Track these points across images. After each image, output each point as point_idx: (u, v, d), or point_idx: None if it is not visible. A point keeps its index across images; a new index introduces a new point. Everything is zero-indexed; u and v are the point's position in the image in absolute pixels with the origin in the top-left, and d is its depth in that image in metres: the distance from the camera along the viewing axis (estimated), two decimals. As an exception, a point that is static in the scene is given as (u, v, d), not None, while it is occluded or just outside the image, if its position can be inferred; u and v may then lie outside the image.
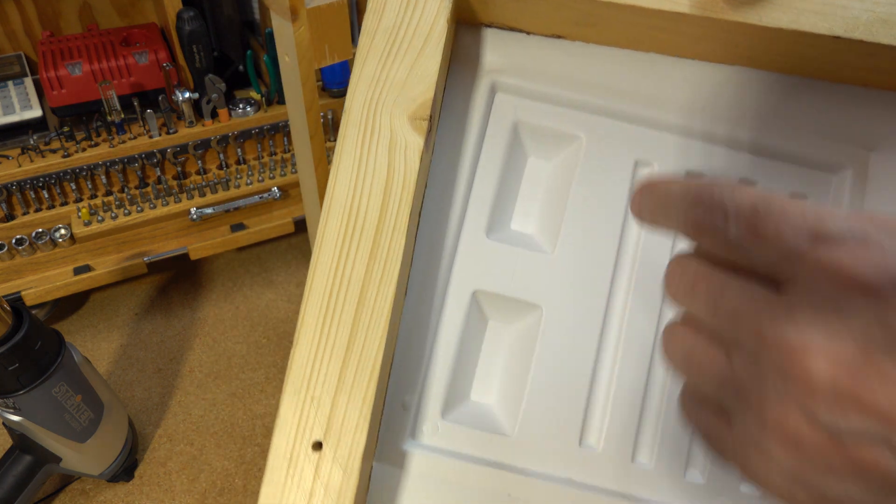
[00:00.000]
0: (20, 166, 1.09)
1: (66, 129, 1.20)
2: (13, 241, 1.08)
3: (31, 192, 1.12)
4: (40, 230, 1.11)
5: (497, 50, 0.37)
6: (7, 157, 1.11)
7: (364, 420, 0.30)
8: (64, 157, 1.14)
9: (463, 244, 0.36)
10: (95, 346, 1.07)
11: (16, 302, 1.03)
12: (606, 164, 0.37)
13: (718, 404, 0.21)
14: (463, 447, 0.35)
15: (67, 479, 0.84)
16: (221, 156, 1.31)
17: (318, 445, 0.30)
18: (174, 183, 1.28)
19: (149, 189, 1.24)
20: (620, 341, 0.36)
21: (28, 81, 1.18)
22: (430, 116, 0.33)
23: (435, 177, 0.36)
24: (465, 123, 0.37)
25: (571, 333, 0.36)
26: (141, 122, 1.25)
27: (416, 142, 0.32)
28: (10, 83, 1.16)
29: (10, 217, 1.10)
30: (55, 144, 1.16)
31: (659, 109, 0.37)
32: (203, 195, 1.27)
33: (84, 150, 1.17)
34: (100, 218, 1.14)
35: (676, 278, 0.22)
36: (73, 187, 1.15)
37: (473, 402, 0.36)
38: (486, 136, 0.37)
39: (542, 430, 0.35)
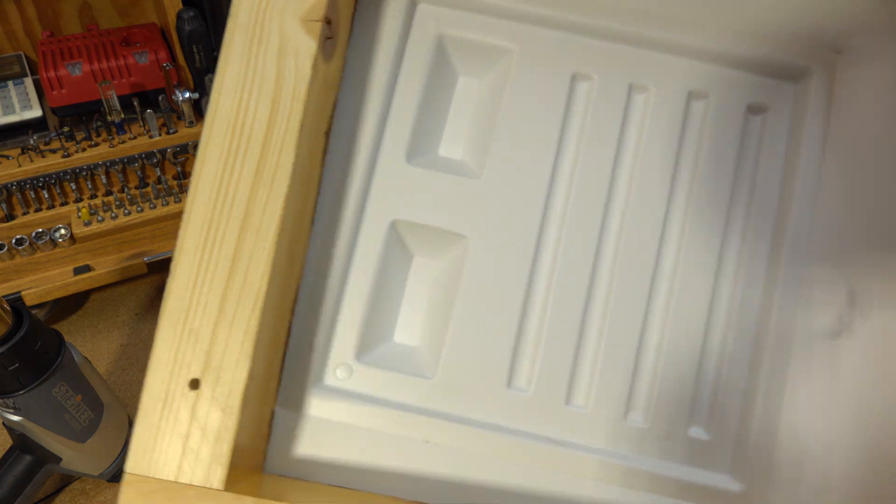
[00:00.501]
0: (20, 166, 1.09)
1: (66, 129, 1.20)
2: (13, 241, 1.08)
3: (31, 192, 1.11)
4: (40, 230, 1.11)
5: (416, -42, 0.34)
6: (7, 157, 1.11)
7: (246, 354, 0.27)
8: (64, 157, 1.14)
9: (380, 169, 0.33)
10: (95, 346, 1.06)
11: (16, 302, 1.03)
12: (541, 79, 0.33)
13: None
14: (379, 391, 0.31)
15: (67, 479, 0.84)
16: (222, 154, 1.29)
17: (195, 383, 0.26)
18: (174, 183, 1.27)
19: (149, 189, 1.23)
20: (554, 274, 0.32)
21: (28, 81, 1.18)
22: (327, 19, 0.29)
23: (346, 95, 0.33)
24: (381, 36, 0.33)
25: (500, 266, 0.32)
26: (141, 122, 1.24)
27: (308, 47, 0.29)
28: (10, 83, 1.16)
29: (10, 217, 1.10)
30: (55, 144, 1.16)
31: (599, 15, 0.33)
32: (204, 193, 1.25)
33: (84, 150, 1.17)
34: (100, 218, 1.14)
35: None
36: (73, 187, 1.15)
37: (396, 344, 0.32)
38: (406, 50, 0.34)
39: (466, 372, 0.31)
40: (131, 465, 0.26)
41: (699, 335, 0.32)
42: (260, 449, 0.30)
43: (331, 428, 0.30)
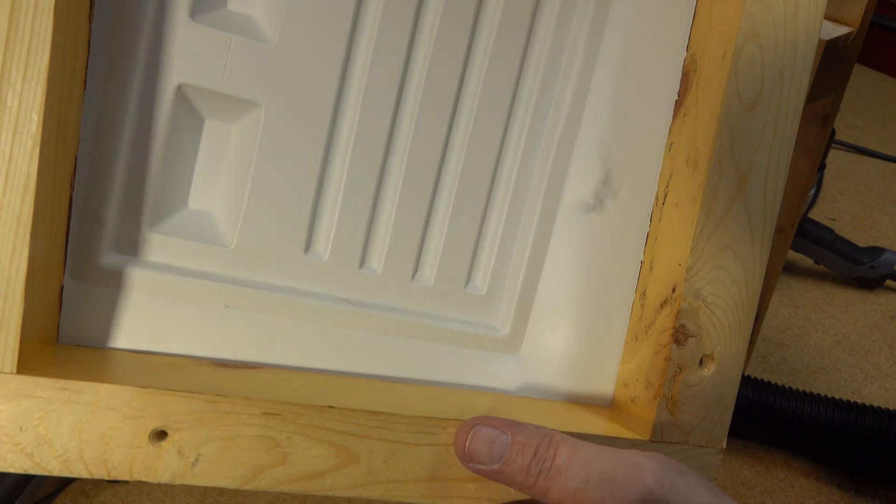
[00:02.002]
0: None
1: None
2: None
3: None
4: None
5: None
6: None
7: (23, 242, 0.26)
8: None
9: (166, 26, 0.30)
10: None
11: None
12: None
13: None
14: (174, 260, 0.32)
15: (67, 479, 0.79)
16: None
17: None
18: None
19: None
20: (351, 143, 0.33)
21: None
22: None
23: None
24: None
25: (296, 134, 0.32)
26: None
27: None
28: None
29: None
30: None
31: None
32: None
33: None
34: None
35: None
36: None
37: (191, 210, 0.32)
38: None
39: (264, 239, 0.32)
40: None
41: (482, 203, 0.35)
42: (51, 323, 0.30)
43: (126, 298, 0.31)
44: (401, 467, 0.29)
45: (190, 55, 0.30)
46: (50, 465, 0.26)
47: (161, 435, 0.27)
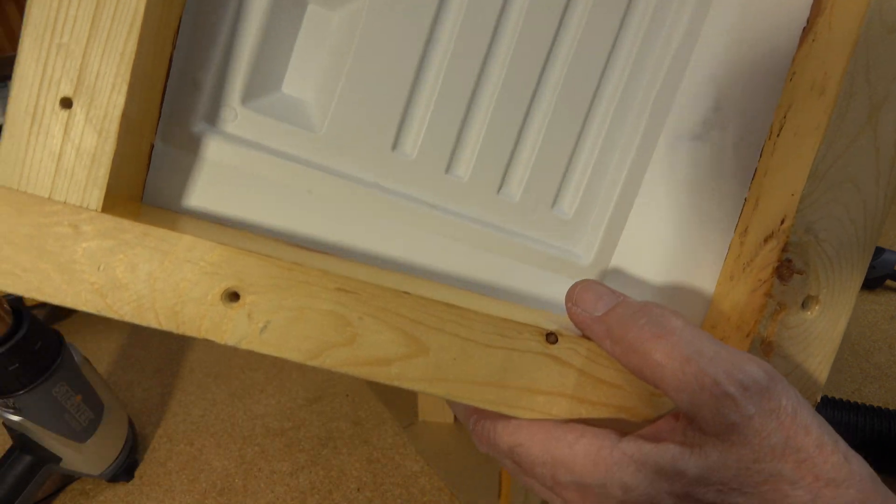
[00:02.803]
0: None
1: None
2: None
3: None
4: None
5: None
6: None
7: (122, 79, 0.25)
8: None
9: None
10: (95, 346, 1.02)
11: (16, 302, 0.93)
12: None
13: None
14: (264, 139, 0.31)
15: (67, 479, 0.82)
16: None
17: (66, 102, 0.25)
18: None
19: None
20: (452, 40, 0.32)
21: None
22: None
23: None
24: None
25: (398, 28, 0.31)
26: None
27: None
28: (9, 83, 0.95)
29: None
30: None
31: None
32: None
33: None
34: None
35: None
36: None
37: (284, 95, 0.32)
38: None
39: (353, 131, 0.32)
40: (0, 176, 0.25)
41: (579, 123, 0.33)
42: (138, 181, 0.30)
43: (212, 168, 0.31)
44: (470, 367, 0.27)
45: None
46: (122, 309, 0.26)
47: (233, 296, 0.26)
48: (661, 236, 0.34)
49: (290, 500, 0.81)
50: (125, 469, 0.82)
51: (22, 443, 0.75)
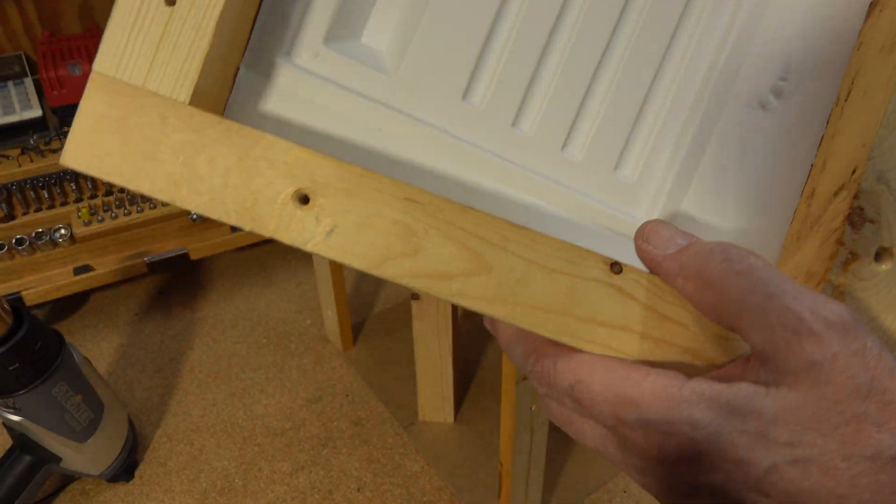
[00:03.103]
0: (20, 166, 1.04)
1: (66, 129, 1.12)
2: (13, 241, 1.04)
3: (31, 192, 1.06)
4: (40, 230, 1.06)
5: None
6: (7, 157, 1.06)
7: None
8: (62, 150, 1.07)
9: None
10: (95, 346, 1.06)
11: (16, 302, 1.01)
12: None
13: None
14: (340, 77, 0.32)
15: (67, 479, 0.83)
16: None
17: (171, 1, 0.27)
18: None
19: (148, 183, 1.16)
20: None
21: (28, 81, 1.13)
22: None
23: None
24: None
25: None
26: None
27: None
28: (10, 83, 1.12)
29: (10, 217, 1.05)
30: (55, 144, 1.10)
31: None
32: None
33: (82, 142, 1.10)
34: (100, 218, 1.08)
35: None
36: (73, 187, 1.10)
37: (363, 45, 0.33)
38: None
39: (427, 76, 0.33)
40: (99, 63, 0.27)
41: (646, 85, 0.34)
42: (221, 99, 0.31)
43: (290, 98, 0.32)
44: (533, 291, 0.27)
45: None
46: (196, 200, 0.26)
47: (304, 199, 0.27)
48: (726, 202, 0.33)
49: (290, 500, 0.79)
50: (125, 469, 0.81)
51: (22, 443, 0.75)
